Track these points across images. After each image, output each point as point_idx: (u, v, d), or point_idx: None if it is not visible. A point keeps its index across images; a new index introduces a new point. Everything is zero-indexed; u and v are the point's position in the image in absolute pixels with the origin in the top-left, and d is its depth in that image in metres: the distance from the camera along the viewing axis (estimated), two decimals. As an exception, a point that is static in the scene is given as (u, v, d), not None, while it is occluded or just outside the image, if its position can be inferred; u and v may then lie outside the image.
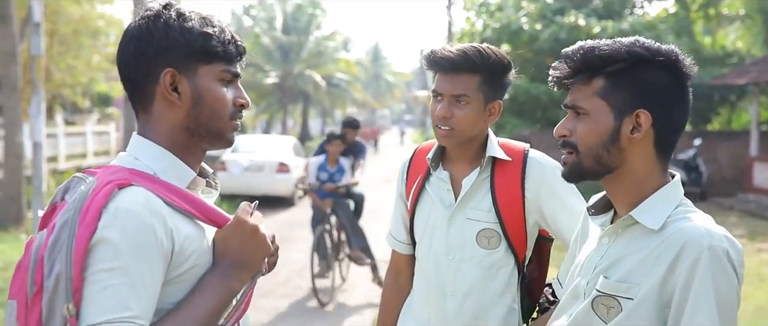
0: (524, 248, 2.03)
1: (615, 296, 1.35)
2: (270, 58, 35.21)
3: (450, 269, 2.04)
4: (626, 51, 1.35)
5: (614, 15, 15.71)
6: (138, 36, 1.26)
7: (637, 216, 1.38)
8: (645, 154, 1.39)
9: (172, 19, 1.27)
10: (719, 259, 1.26)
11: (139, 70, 1.27)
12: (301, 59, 36.00)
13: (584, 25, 14.73)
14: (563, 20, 14.86)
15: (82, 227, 1.12)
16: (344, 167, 7.12)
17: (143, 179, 1.22)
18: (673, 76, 1.38)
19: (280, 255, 6.06)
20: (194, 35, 1.27)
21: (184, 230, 1.22)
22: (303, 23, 37.30)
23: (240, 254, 1.28)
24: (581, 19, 14.82)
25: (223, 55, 1.30)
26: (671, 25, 15.33)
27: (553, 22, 15.15)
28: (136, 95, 1.29)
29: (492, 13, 16.71)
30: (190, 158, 1.32)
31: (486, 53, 1.95)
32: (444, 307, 2.05)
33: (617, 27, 14.74)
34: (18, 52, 10.69)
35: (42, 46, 9.00)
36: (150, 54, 1.25)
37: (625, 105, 1.37)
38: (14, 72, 10.47)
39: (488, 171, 2.02)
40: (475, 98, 1.96)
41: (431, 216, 2.08)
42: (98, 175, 1.22)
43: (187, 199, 1.25)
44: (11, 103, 10.54)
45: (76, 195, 1.18)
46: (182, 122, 1.29)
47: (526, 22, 15.51)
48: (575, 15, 14.93)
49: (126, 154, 1.30)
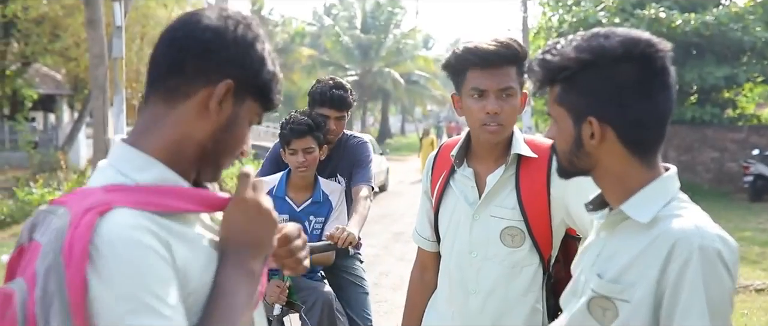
0: (549, 247, 2.00)
1: (610, 298, 1.33)
2: (350, 56, 35.63)
3: (473, 267, 2.02)
4: (571, 57, 1.31)
5: (698, 6, 15.11)
6: (222, 32, 1.12)
7: (627, 210, 1.35)
8: (615, 155, 1.35)
9: (260, 40, 1.16)
10: (710, 260, 1.22)
11: (199, 63, 1.11)
12: (380, 57, 36.26)
13: (665, 17, 14.22)
14: (643, 13, 14.40)
15: (71, 271, 0.96)
16: (329, 198, 3.24)
17: (122, 193, 1.05)
18: (632, 72, 1.30)
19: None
20: (266, 68, 1.17)
21: (182, 242, 1.07)
22: (382, 21, 37.55)
23: (248, 235, 1.15)
24: (662, 12, 14.32)
25: (270, 103, 1.21)
26: (760, 15, 14.60)
27: (633, 15, 14.70)
28: (170, 84, 1.12)
29: (569, 7, 16.36)
30: (185, 173, 1.14)
31: (517, 43, 1.95)
32: (467, 305, 2.04)
33: (700, 19, 14.15)
34: (106, 54, 11.29)
35: (123, 49, 9.48)
36: (222, 56, 1.12)
37: (579, 111, 1.34)
38: (102, 73, 11.08)
39: (513, 168, 2.00)
40: (517, 90, 1.95)
41: (455, 213, 2.07)
42: (69, 205, 1.04)
43: (175, 194, 1.09)
44: (99, 103, 11.13)
45: (51, 234, 1.01)
46: (201, 137, 1.14)
47: (604, 15, 15.11)
48: (656, 8, 14.43)
49: (106, 166, 1.13)
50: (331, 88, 3.28)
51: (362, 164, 3.40)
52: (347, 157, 3.43)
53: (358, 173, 3.37)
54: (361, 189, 3.27)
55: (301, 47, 36.80)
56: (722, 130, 15.82)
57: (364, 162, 3.42)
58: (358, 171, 3.37)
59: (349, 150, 3.43)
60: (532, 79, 1.41)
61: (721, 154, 15.68)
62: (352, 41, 35.64)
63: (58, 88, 23.41)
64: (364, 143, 3.48)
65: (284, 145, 3.11)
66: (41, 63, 21.29)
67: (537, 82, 1.40)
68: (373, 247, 9.58)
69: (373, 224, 11.80)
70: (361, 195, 3.21)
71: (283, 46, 35.98)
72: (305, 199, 3.20)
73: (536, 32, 18.43)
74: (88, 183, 1.14)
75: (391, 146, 33.25)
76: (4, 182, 13.75)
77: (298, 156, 3.07)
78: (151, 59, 1.15)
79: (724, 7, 15.51)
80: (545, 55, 1.37)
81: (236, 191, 1.17)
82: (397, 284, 7.21)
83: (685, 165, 15.54)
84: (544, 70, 1.37)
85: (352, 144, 3.46)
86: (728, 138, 15.70)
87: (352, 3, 39.29)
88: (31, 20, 17.84)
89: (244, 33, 1.14)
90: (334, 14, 41.37)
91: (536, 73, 1.39)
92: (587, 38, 1.33)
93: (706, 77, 14.69)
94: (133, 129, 1.16)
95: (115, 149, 1.14)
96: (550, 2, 16.98)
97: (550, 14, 17.05)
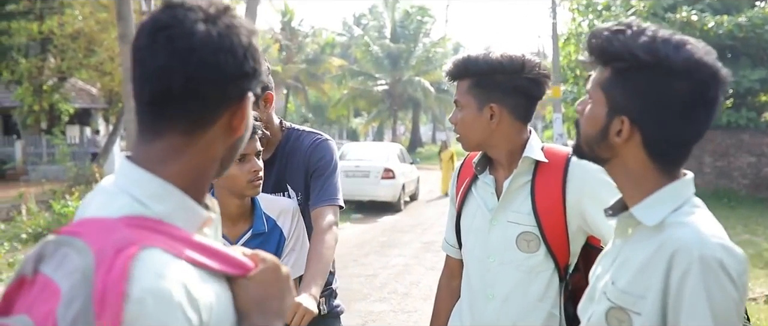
0: (566, 253, 2.00)
1: (625, 309, 1.31)
2: (380, 65, 35.75)
3: (491, 272, 2.05)
4: (632, 52, 1.26)
5: (731, 8, 14.84)
6: (231, 48, 1.02)
7: (636, 212, 1.33)
8: (636, 157, 1.33)
9: (247, 32, 1.06)
10: (711, 270, 1.18)
11: (221, 89, 1.02)
12: (410, 66, 36.34)
13: (697, 20, 14.02)
14: (675, 17, 14.21)
15: (104, 322, 0.88)
16: (277, 224, 2.35)
17: (151, 233, 0.97)
18: (683, 91, 1.26)
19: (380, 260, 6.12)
20: (262, 60, 1.11)
21: (208, 295, 1.00)
22: (412, 30, 37.65)
23: (279, 302, 1.11)
24: (694, 15, 14.11)
25: (262, 79, 1.12)
26: (796, 17, 14.30)
27: (664, 19, 14.51)
28: (192, 117, 1.02)
29: (599, 12, 16.21)
30: (202, 194, 1.09)
31: (472, 58, 2.01)
32: (486, 310, 2.06)
33: (734, 21, 13.91)
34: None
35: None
36: (241, 73, 1.04)
37: (617, 105, 1.31)
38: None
39: (530, 174, 2.02)
40: (467, 103, 2.01)
41: (476, 219, 2.10)
42: (87, 238, 0.95)
43: (205, 251, 1.02)
44: (132, 116, 11.32)
45: (74, 275, 0.92)
46: (223, 153, 1.09)
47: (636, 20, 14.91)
48: (688, 11, 14.23)
49: (117, 191, 1.04)
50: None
51: (323, 173, 2.43)
52: (299, 160, 2.46)
53: (317, 188, 2.41)
54: (322, 213, 2.34)
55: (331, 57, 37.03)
56: (759, 135, 15.49)
57: (325, 170, 2.44)
58: (319, 185, 2.41)
59: (302, 151, 2.47)
60: (588, 49, 1.36)
61: (757, 159, 15.35)
62: (382, 50, 35.74)
63: (93, 101, 23.86)
64: (324, 142, 2.50)
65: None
66: (77, 77, 21.74)
67: (591, 55, 1.35)
68: (403, 257, 9.59)
69: (403, 234, 11.82)
70: (324, 225, 2.30)
71: (314, 56, 36.25)
72: (243, 232, 2.27)
73: (566, 38, 18.27)
74: (91, 205, 1.06)
75: (422, 155, 33.23)
76: (41, 195, 14.02)
77: (252, 162, 2.16)
78: (146, 80, 1.01)
79: (759, 8, 15.22)
80: (614, 34, 1.30)
81: (267, 259, 1.11)
82: (427, 294, 7.19)
83: (720, 171, 15.26)
84: (601, 49, 1.32)
85: (307, 144, 2.48)
86: (765, 142, 15.37)
87: (381, 13, 39.46)
88: (67, 36, 18.30)
89: (242, 33, 1.04)
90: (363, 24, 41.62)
91: (594, 46, 1.34)
92: (660, 40, 1.27)
93: (740, 80, 14.41)
94: (141, 154, 1.05)
95: (127, 172, 1.04)
96: (580, 8, 16.83)
97: (579, 20, 16.91)
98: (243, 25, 1.05)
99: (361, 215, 14.39)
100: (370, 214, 14.51)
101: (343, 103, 36.80)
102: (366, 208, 14.96)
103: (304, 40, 36.91)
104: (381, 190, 14.93)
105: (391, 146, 17.95)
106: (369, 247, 10.48)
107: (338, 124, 44.31)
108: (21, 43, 18.79)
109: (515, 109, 2.00)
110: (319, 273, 2.15)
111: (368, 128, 41.93)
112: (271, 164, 2.48)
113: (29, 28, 18.19)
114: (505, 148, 2.04)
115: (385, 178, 14.95)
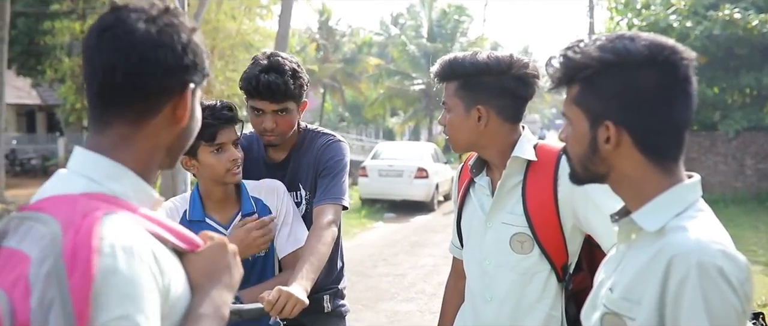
0: (562, 253, 1.97)
1: (620, 314, 1.29)
2: (416, 65, 35.66)
3: (488, 274, 2.04)
4: (593, 56, 1.27)
5: (776, 7, 14.44)
6: (169, 44, 1.11)
7: (637, 218, 1.30)
8: (631, 160, 1.30)
9: (186, 29, 1.15)
10: (710, 277, 1.14)
11: (163, 81, 1.11)
12: (447, 65, 36.13)
13: (740, 18, 13.65)
14: (716, 15, 13.86)
15: (76, 276, 0.93)
16: (264, 203, 2.44)
17: (111, 204, 1.04)
18: (654, 77, 1.25)
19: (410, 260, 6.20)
20: (204, 53, 1.19)
21: (170, 262, 1.09)
22: (449, 30, 37.48)
23: (229, 276, 1.20)
24: (737, 13, 13.75)
25: (206, 77, 1.21)
26: None
27: (705, 17, 14.18)
28: (135, 107, 1.11)
29: (638, 11, 15.90)
30: (152, 178, 1.17)
31: (458, 60, 1.98)
32: (485, 312, 2.06)
33: (779, 19, 13.53)
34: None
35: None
36: (181, 67, 1.13)
37: (596, 113, 1.30)
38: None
39: (521, 174, 2.00)
40: (455, 104, 1.99)
41: (473, 221, 2.10)
42: (51, 211, 1.01)
43: (161, 225, 1.11)
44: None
45: (41, 240, 0.97)
46: (169, 141, 1.18)
47: (676, 19, 14.63)
48: (730, 9, 13.87)
49: (73, 174, 1.11)
50: (261, 71, 2.31)
51: (330, 173, 2.44)
52: (310, 159, 2.50)
53: (323, 186, 2.42)
54: (324, 210, 2.35)
55: (368, 57, 37.04)
56: (804, 136, 15.07)
57: (333, 169, 2.45)
58: (325, 184, 2.42)
59: (314, 152, 2.50)
60: (551, 76, 1.37)
61: (802, 161, 14.93)
62: (419, 50, 35.67)
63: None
64: (336, 143, 2.52)
65: (202, 142, 2.21)
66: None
67: (555, 79, 1.36)
68: (433, 257, 9.55)
69: (435, 233, 11.77)
70: (324, 222, 2.30)
71: (351, 55, 36.32)
72: (232, 216, 2.37)
73: (604, 38, 17.92)
74: (47, 188, 1.11)
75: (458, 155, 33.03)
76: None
77: (230, 152, 2.26)
78: (94, 75, 1.10)
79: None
80: (567, 52, 1.33)
81: (214, 236, 1.22)
82: (455, 294, 7.13)
83: (763, 174, 14.85)
84: (564, 68, 1.33)
85: (319, 144, 2.51)
86: (811, 144, 14.94)
87: (418, 12, 39.36)
88: (108, 35, 18.58)
89: (182, 31, 1.14)
90: (400, 24, 41.53)
91: (555, 70, 1.35)
92: (612, 39, 1.29)
93: (786, 81, 14.05)
94: (94, 142, 1.12)
95: (81, 158, 1.12)
96: (619, 6, 16.54)
97: (617, 19, 16.60)
98: (183, 23, 1.15)
99: (393, 214, 14.39)
100: (402, 214, 14.51)
101: (380, 103, 36.80)
102: (399, 208, 14.96)
103: (341, 39, 37.00)
104: (414, 190, 14.92)
105: (424, 145, 17.92)
106: (399, 247, 10.47)
107: (374, 124, 44.33)
108: (64, 42, 19.21)
109: (503, 110, 1.98)
110: (311, 268, 2.14)
111: (404, 128, 41.85)
112: (286, 164, 2.53)
113: (72, 28, 18.59)
114: (495, 148, 2.02)
115: (419, 178, 14.94)
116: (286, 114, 2.36)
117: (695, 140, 15.02)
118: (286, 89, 2.31)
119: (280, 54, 2.39)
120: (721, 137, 15.19)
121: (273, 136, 2.39)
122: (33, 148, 25.10)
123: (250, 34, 21.14)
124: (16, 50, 19.44)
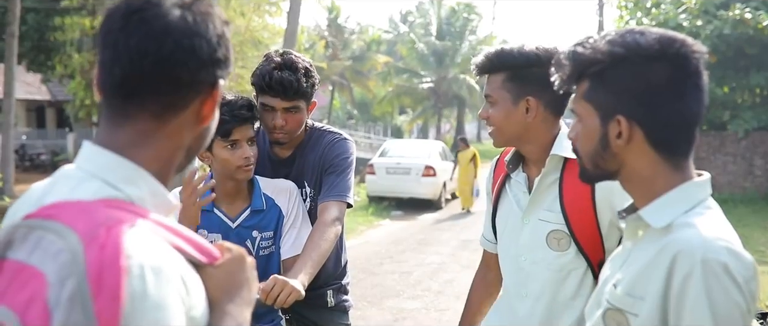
0: (599, 251, 1.95)
1: (622, 310, 1.28)
2: (425, 63, 35.69)
3: (523, 271, 2.03)
4: (603, 51, 1.26)
5: (788, 7, 14.34)
6: (204, 34, 1.02)
7: (644, 214, 1.29)
8: (643, 156, 1.29)
9: (222, 20, 1.07)
10: (714, 273, 1.13)
11: (192, 72, 1.02)
12: (455, 64, 36.17)
13: (751, 18, 13.56)
14: (727, 14, 13.78)
15: (102, 300, 0.84)
16: (276, 203, 2.46)
17: (129, 214, 0.95)
18: (665, 71, 1.24)
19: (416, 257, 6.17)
20: (231, 49, 1.10)
21: (191, 279, 1.00)
22: (458, 28, 37.48)
23: (247, 291, 1.11)
24: (748, 12, 13.65)
25: (231, 69, 1.12)
26: None
27: (716, 17, 14.09)
28: (163, 100, 1.02)
29: (648, 10, 15.82)
30: (167, 183, 1.08)
31: (507, 51, 1.96)
32: (520, 309, 2.05)
33: (790, 18, 13.44)
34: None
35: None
36: (213, 61, 1.04)
37: (607, 109, 1.29)
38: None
39: (559, 171, 1.98)
40: (501, 97, 1.96)
41: (510, 217, 2.09)
42: (66, 220, 0.90)
43: (181, 236, 1.01)
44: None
45: (63, 256, 0.87)
46: (191, 141, 1.09)
47: (686, 18, 14.54)
48: (741, 8, 13.78)
49: (85, 175, 1.01)
50: (274, 68, 2.33)
51: (336, 170, 2.46)
52: (316, 158, 2.51)
53: (328, 183, 2.44)
54: (328, 207, 2.37)
55: (376, 54, 37.00)
56: (814, 136, 14.97)
57: (338, 167, 2.47)
58: (330, 181, 2.44)
59: (320, 149, 2.51)
60: (560, 73, 1.36)
61: (813, 162, 14.83)
62: (428, 48, 35.67)
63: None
64: (342, 141, 2.54)
65: (217, 137, 2.23)
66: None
67: (564, 75, 1.35)
68: (439, 255, 9.54)
69: (441, 231, 11.77)
70: (327, 218, 2.32)
71: (359, 53, 36.30)
72: (241, 210, 2.39)
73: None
74: (54, 191, 1.01)
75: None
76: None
77: (243, 149, 2.29)
78: (116, 62, 0.99)
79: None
80: (576, 47, 1.32)
81: (232, 249, 1.12)
82: (460, 292, 7.12)
83: (774, 174, 14.78)
84: (573, 63, 1.32)
85: (326, 141, 2.52)
86: (821, 145, 14.84)
87: (427, 10, 39.35)
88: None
89: (217, 22, 1.04)
90: (409, 21, 41.54)
91: (564, 66, 1.34)
92: (622, 34, 1.29)
93: (797, 81, 13.96)
94: (109, 138, 1.02)
95: (94, 157, 1.01)
96: (628, 5, 16.46)
97: (627, 18, 16.53)
98: (217, 14, 1.05)
99: (401, 212, 14.39)
100: (410, 212, 14.50)
101: (388, 100, 36.81)
102: (406, 205, 14.95)
103: (349, 37, 37.00)
104: (421, 188, 14.90)
105: (432, 144, 17.90)
106: (406, 244, 10.47)
107: (383, 121, 44.32)
108: (74, 38, 19.26)
109: (551, 102, 1.96)
110: (312, 262, 2.15)
111: (413, 125, 41.85)
112: (291, 161, 2.54)
113: (82, 24, 18.61)
114: (538, 143, 2.00)
115: (426, 176, 14.91)
116: (295, 112, 2.38)
117: (704, 140, 14.94)
118: (298, 87, 2.33)
119: (293, 52, 2.42)
120: (730, 137, 15.11)
121: (281, 134, 2.40)
122: (42, 143, 25.22)
123: (259, 31, 21.13)
124: (26, 46, 19.51)
